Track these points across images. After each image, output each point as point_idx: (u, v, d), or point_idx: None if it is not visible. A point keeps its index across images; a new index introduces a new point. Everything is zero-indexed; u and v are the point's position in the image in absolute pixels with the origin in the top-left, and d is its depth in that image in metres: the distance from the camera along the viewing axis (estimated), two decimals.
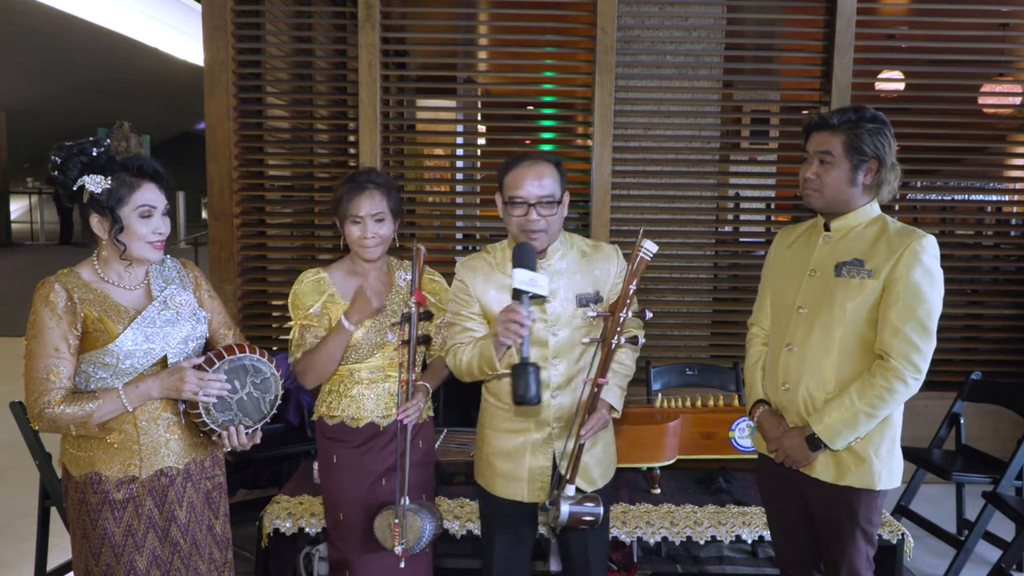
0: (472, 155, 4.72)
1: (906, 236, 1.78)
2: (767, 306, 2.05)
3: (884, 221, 1.86)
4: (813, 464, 1.87)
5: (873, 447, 1.82)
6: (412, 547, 1.90)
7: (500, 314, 1.77)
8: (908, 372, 1.74)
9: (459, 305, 1.96)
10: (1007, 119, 4.54)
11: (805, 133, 1.91)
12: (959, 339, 4.16)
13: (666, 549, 2.89)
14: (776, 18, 4.08)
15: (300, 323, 2.03)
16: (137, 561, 1.73)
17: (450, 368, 1.99)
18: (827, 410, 1.81)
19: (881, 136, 1.81)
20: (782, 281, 1.98)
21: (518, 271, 1.72)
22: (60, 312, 1.64)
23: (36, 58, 10.46)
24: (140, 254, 1.72)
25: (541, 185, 1.82)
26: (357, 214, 1.98)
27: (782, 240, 2.06)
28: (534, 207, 1.81)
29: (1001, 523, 3.10)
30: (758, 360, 2.05)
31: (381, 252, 2.04)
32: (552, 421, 1.92)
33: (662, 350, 3.96)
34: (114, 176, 1.67)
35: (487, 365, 1.83)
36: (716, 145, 4.06)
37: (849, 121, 1.81)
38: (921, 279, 1.74)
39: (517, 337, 1.71)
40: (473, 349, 1.88)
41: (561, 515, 1.78)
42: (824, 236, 1.90)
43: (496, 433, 1.97)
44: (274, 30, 4.13)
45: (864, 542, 1.87)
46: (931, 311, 1.75)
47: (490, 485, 1.99)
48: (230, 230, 3.85)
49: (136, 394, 1.68)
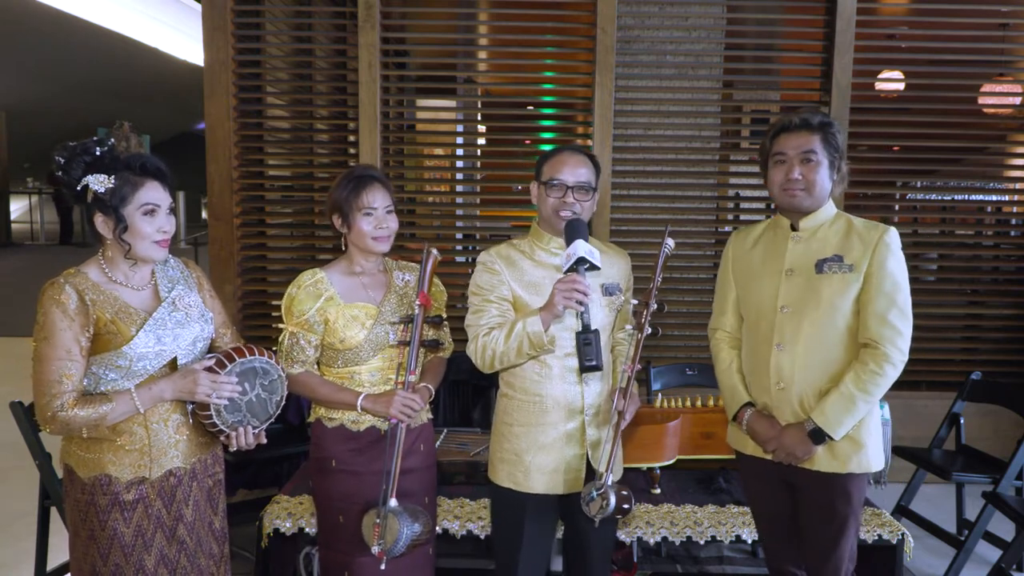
0: (472, 155, 4.72)
1: (874, 229, 1.89)
2: (730, 309, 2.09)
3: (845, 217, 1.96)
4: (813, 457, 1.90)
5: (866, 431, 1.90)
6: (389, 549, 1.86)
7: (559, 284, 1.80)
8: (896, 355, 1.84)
9: (487, 291, 1.96)
10: (1007, 119, 4.54)
11: (771, 136, 1.96)
12: (959, 339, 4.17)
13: (666, 549, 2.89)
14: (776, 18, 4.08)
15: (291, 329, 1.98)
16: (146, 561, 1.73)
17: (475, 356, 1.95)
18: (827, 402, 1.85)
19: (840, 135, 1.95)
20: (754, 282, 2.01)
21: (579, 242, 1.80)
22: (72, 313, 1.63)
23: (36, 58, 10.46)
24: (145, 253, 1.71)
25: (579, 172, 1.95)
26: (371, 205, 1.97)
27: (739, 243, 2.10)
28: (571, 190, 1.93)
29: (1001, 523, 3.10)
30: (732, 363, 2.06)
31: (390, 246, 2.03)
32: (586, 408, 1.96)
33: (662, 350, 3.96)
34: (118, 175, 1.67)
35: (535, 340, 1.84)
36: (716, 145, 4.06)
37: (821, 123, 1.91)
38: (895, 268, 1.86)
39: (579, 305, 1.78)
40: (512, 330, 1.87)
41: (611, 504, 1.79)
42: (793, 236, 1.96)
43: (528, 428, 1.97)
44: (274, 30, 4.13)
45: (855, 526, 1.95)
46: (907, 297, 1.87)
47: (521, 482, 1.97)
48: (230, 230, 3.85)
49: (148, 396, 1.68)
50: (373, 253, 2.03)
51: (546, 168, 1.97)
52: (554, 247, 1.99)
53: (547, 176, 1.95)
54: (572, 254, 1.81)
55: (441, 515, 2.38)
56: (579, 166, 1.95)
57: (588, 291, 1.79)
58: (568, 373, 1.95)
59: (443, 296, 2.15)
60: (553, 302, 1.82)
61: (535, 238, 2.03)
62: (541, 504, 1.98)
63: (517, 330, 1.86)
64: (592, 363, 1.78)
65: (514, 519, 2.01)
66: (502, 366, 1.95)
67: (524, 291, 1.96)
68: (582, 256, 1.79)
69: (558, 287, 1.81)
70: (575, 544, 2.07)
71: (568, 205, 1.92)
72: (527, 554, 1.99)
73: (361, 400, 1.97)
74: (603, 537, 2.05)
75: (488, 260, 1.99)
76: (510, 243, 2.05)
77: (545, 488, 1.96)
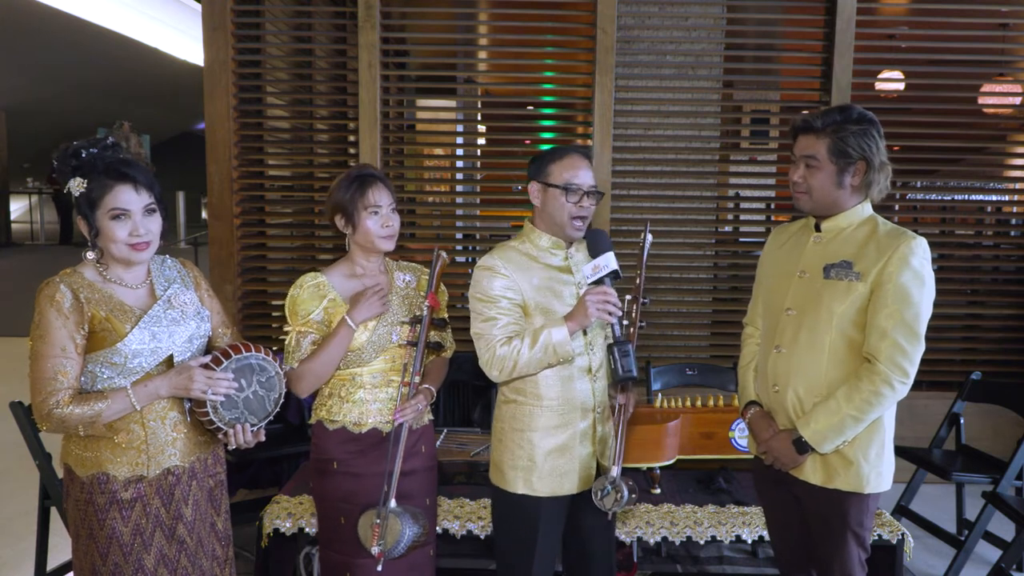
0: (472, 155, 4.72)
1: (895, 238, 1.76)
2: (760, 306, 2.05)
3: (875, 222, 1.83)
4: (802, 467, 1.86)
5: (861, 450, 1.81)
6: (389, 550, 1.86)
7: (590, 296, 1.81)
8: (895, 376, 1.72)
9: (498, 298, 1.90)
10: (1007, 119, 4.55)
11: (792, 135, 1.90)
12: (959, 339, 4.16)
13: (666, 549, 2.89)
14: (776, 18, 4.08)
15: (298, 330, 1.97)
16: (145, 560, 1.73)
17: (490, 366, 1.90)
18: (814, 414, 1.79)
19: (867, 137, 1.78)
20: (773, 281, 1.97)
21: (610, 255, 1.82)
22: (66, 311, 1.64)
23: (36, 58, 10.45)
24: (119, 255, 1.71)
25: (590, 176, 1.95)
26: (378, 204, 1.96)
27: (776, 239, 2.05)
28: (588, 195, 1.92)
29: (1001, 523, 3.10)
30: (751, 361, 2.04)
31: (395, 245, 2.03)
32: (596, 406, 1.97)
33: (662, 350, 3.96)
34: (92, 179, 1.67)
35: (560, 351, 1.83)
36: (716, 145, 4.06)
37: (834, 123, 1.78)
38: (909, 282, 1.72)
39: (611, 316, 1.80)
40: (535, 340, 1.84)
41: (625, 495, 1.80)
42: (814, 237, 1.89)
43: (541, 433, 1.94)
44: (274, 30, 4.13)
45: (855, 545, 1.86)
46: (919, 314, 1.73)
47: (538, 488, 1.95)
48: (230, 230, 3.85)
49: (144, 393, 1.68)
50: (377, 252, 2.02)
51: (556, 170, 1.92)
52: (553, 248, 1.98)
53: (562, 180, 1.91)
54: (604, 266, 1.81)
55: (441, 515, 2.38)
56: (589, 170, 1.95)
57: (619, 303, 1.81)
58: (579, 373, 1.94)
59: (445, 297, 2.15)
60: (587, 313, 1.81)
61: (533, 239, 1.99)
62: (553, 506, 1.97)
63: (543, 340, 1.83)
64: (630, 373, 1.77)
65: (528, 524, 1.98)
66: (520, 375, 1.92)
67: (533, 294, 1.93)
68: (615, 269, 1.81)
69: (590, 299, 1.80)
70: (576, 544, 2.07)
71: (585, 209, 1.92)
72: (541, 558, 1.98)
73: (350, 318, 1.92)
74: (606, 535, 2.06)
75: (494, 264, 1.92)
76: (508, 246, 2.00)
77: (560, 490, 1.96)
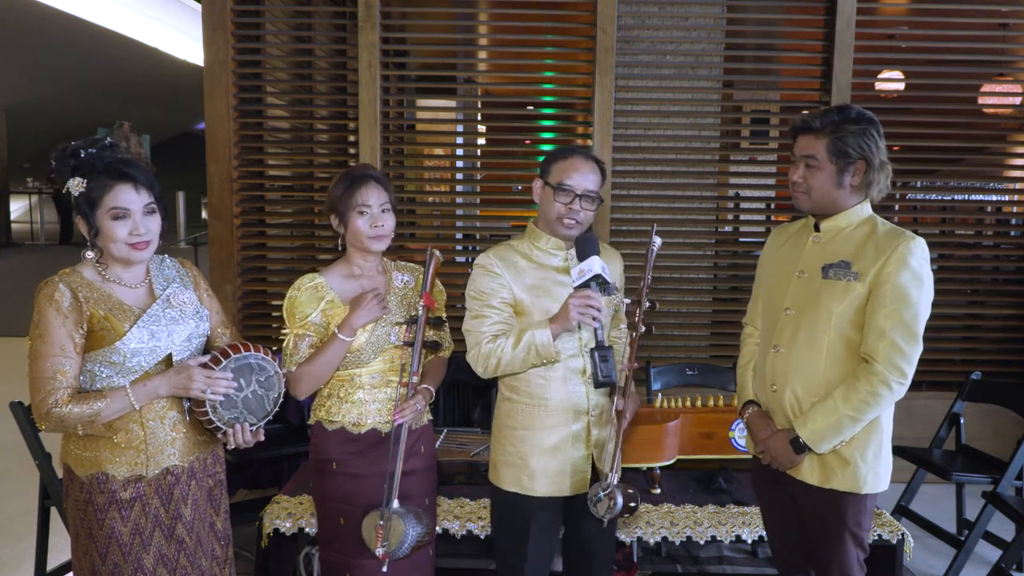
0: (472, 155, 4.72)
1: (894, 238, 1.76)
2: (759, 306, 2.05)
3: (874, 222, 1.83)
4: (799, 467, 1.86)
5: (859, 451, 1.81)
6: (394, 551, 1.86)
7: (572, 299, 1.82)
8: (892, 376, 1.73)
9: (488, 295, 1.94)
10: (1007, 119, 4.55)
11: (792, 135, 1.90)
12: (959, 339, 4.16)
13: (666, 549, 2.89)
14: (776, 18, 4.08)
15: (296, 332, 1.97)
16: (144, 560, 1.73)
17: (476, 362, 1.94)
18: (812, 414, 1.80)
19: (867, 137, 1.77)
20: (772, 281, 1.97)
21: (596, 259, 1.82)
22: (65, 311, 1.64)
23: (36, 58, 10.45)
24: (119, 254, 1.71)
25: (589, 180, 1.92)
26: (366, 203, 1.95)
27: (775, 239, 2.05)
28: (580, 198, 1.91)
29: (1001, 523, 3.10)
30: (749, 361, 2.04)
31: (387, 245, 2.02)
32: (591, 409, 1.96)
33: (662, 350, 3.96)
34: (92, 179, 1.67)
35: (543, 352, 1.85)
36: (716, 145, 4.06)
37: (833, 123, 1.78)
38: (908, 282, 1.72)
39: (593, 321, 1.81)
40: (519, 339, 1.87)
41: (619, 504, 1.80)
42: (813, 237, 1.89)
43: (534, 432, 1.95)
44: (274, 30, 4.13)
45: (853, 545, 1.86)
46: (917, 315, 1.73)
47: (527, 486, 1.96)
48: (230, 230, 3.85)
49: (143, 392, 1.68)
50: (370, 252, 2.01)
51: (555, 170, 1.93)
52: (552, 248, 1.98)
53: (556, 179, 1.92)
54: (588, 270, 1.81)
55: (441, 515, 2.38)
56: (589, 173, 1.92)
57: (602, 307, 1.81)
58: (572, 375, 1.94)
59: (443, 296, 2.14)
60: (568, 316, 1.82)
61: (533, 239, 2.00)
62: (546, 507, 1.98)
63: (526, 340, 1.86)
64: (609, 379, 1.80)
65: (519, 523, 1.99)
66: (503, 373, 1.94)
67: (525, 294, 1.94)
68: (599, 273, 1.81)
69: (572, 303, 1.81)
70: (576, 546, 2.07)
71: (573, 213, 1.91)
72: (533, 558, 1.99)
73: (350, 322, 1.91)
74: (606, 538, 2.05)
75: (488, 263, 1.96)
76: (508, 244, 2.02)
77: (551, 491, 1.96)
